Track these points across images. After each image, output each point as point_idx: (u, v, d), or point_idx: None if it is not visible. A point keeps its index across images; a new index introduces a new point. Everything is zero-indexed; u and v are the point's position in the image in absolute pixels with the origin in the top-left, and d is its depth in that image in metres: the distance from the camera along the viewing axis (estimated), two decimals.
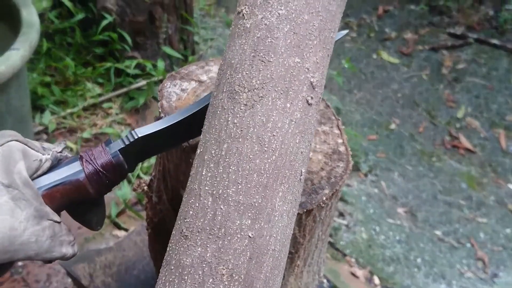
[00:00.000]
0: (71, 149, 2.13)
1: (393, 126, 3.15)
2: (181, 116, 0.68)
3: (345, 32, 0.77)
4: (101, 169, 0.63)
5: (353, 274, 2.05)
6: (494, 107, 3.38)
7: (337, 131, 0.79)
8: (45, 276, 1.75)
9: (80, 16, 2.37)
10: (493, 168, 2.99)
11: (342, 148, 0.76)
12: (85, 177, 0.62)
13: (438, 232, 2.44)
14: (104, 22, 2.29)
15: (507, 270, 2.29)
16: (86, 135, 2.19)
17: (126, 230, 1.90)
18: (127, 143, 0.65)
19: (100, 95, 2.36)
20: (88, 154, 0.64)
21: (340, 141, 0.77)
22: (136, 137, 0.65)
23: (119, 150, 0.64)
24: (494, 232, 2.49)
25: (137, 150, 0.67)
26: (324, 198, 0.68)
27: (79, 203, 0.64)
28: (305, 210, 0.67)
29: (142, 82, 2.41)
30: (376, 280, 2.06)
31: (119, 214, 1.96)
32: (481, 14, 4.05)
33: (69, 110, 2.26)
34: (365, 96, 3.37)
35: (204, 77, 0.88)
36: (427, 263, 2.22)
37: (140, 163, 1.42)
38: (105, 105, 2.34)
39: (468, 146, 3.12)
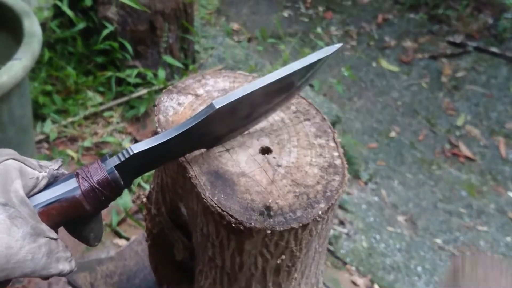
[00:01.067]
0: (72, 158, 2.14)
1: (393, 134, 3.16)
2: (177, 132, 0.68)
3: (338, 45, 0.78)
4: (97, 186, 0.63)
5: (354, 283, 2.05)
6: (493, 115, 3.39)
7: (333, 144, 0.80)
8: (46, 285, 1.75)
9: (81, 25, 2.38)
10: (493, 176, 3.00)
11: (338, 162, 0.77)
12: (81, 193, 0.62)
13: (438, 240, 2.44)
14: (105, 32, 2.30)
15: None
16: (87, 143, 2.20)
17: (127, 238, 1.91)
18: (122, 159, 0.66)
19: (101, 104, 2.37)
20: (84, 171, 0.64)
21: (336, 154, 0.78)
22: (131, 153, 0.66)
23: (114, 166, 0.65)
24: (494, 240, 2.50)
25: (133, 166, 0.67)
26: (320, 212, 0.69)
27: (76, 219, 0.64)
28: (301, 225, 0.68)
29: (143, 91, 2.42)
30: None
31: (120, 223, 1.97)
32: (480, 23, 4.06)
33: (70, 119, 2.27)
34: (365, 104, 3.38)
35: (200, 91, 0.89)
36: (428, 271, 2.22)
37: None
38: (106, 114, 2.36)
39: (468, 154, 3.12)
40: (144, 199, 1.06)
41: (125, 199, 1.98)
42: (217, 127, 0.73)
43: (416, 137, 3.18)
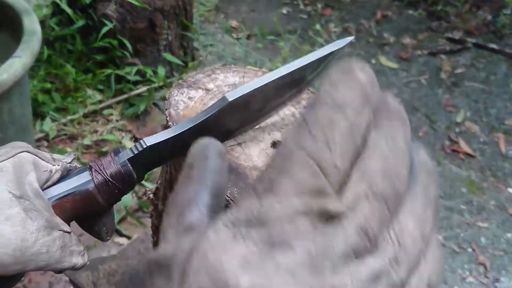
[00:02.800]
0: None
1: None
2: (190, 124, 0.67)
3: (350, 38, 0.77)
4: (110, 179, 0.63)
5: None
6: (493, 112, 3.39)
7: None
8: (47, 284, 1.74)
9: (80, 23, 2.37)
10: (493, 173, 3.00)
11: None
12: (94, 187, 0.62)
13: (439, 237, 2.44)
14: (105, 29, 2.29)
15: (509, 275, 2.29)
16: (86, 141, 2.18)
17: (127, 237, 1.90)
18: (136, 152, 0.65)
19: (100, 101, 2.36)
20: (97, 163, 0.64)
21: None
22: (144, 146, 0.65)
23: (127, 159, 0.64)
24: (495, 237, 2.50)
25: (145, 159, 0.66)
26: None
27: (89, 213, 0.63)
28: None
29: (142, 89, 2.41)
30: None
31: (120, 221, 1.96)
32: (479, 19, 4.07)
33: (69, 117, 2.25)
34: None
35: (211, 85, 0.88)
36: None
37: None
38: (105, 112, 2.34)
39: (468, 150, 3.12)
40: (151, 195, 1.05)
41: (126, 198, 1.97)
42: (230, 121, 0.72)
43: (416, 133, 3.18)
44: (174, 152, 0.71)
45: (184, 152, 0.72)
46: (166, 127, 0.80)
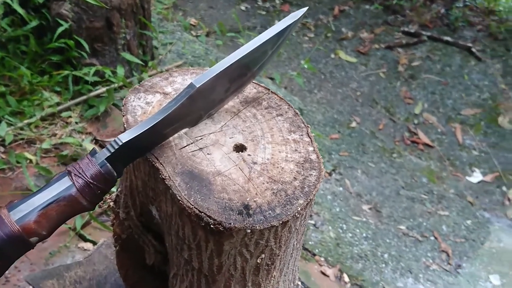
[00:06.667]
0: (30, 161, 2.06)
1: (354, 124, 3.20)
2: (161, 115, 0.69)
3: (304, 9, 0.81)
4: (91, 181, 0.65)
5: (323, 273, 2.07)
6: (449, 102, 3.48)
7: (307, 139, 0.79)
8: None
9: (34, 23, 2.29)
10: (451, 162, 3.08)
11: (313, 156, 0.76)
12: (77, 191, 0.64)
13: (402, 227, 2.49)
14: (60, 29, 2.22)
15: (470, 260, 2.37)
16: (45, 145, 2.12)
17: (92, 242, 1.86)
18: (112, 150, 0.67)
19: (58, 104, 2.29)
20: (75, 167, 0.65)
21: (311, 148, 0.78)
22: (120, 144, 0.67)
23: (105, 159, 0.66)
24: (455, 224, 2.57)
25: (123, 156, 0.68)
26: (299, 209, 0.68)
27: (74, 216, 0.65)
28: (281, 222, 0.67)
29: (101, 89, 2.36)
30: (346, 278, 2.08)
31: (84, 226, 1.91)
32: (433, 12, 4.17)
33: (26, 121, 2.18)
34: (326, 96, 3.41)
35: (169, 89, 0.87)
36: (394, 258, 2.27)
37: None
38: (64, 114, 2.28)
39: (427, 141, 3.20)
40: (111, 203, 1.02)
41: None
42: (199, 105, 0.74)
43: (376, 126, 3.24)
44: (149, 144, 0.72)
45: (159, 142, 0.73)
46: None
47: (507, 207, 2.83)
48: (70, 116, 2.28)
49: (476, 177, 3.02)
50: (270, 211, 0.68)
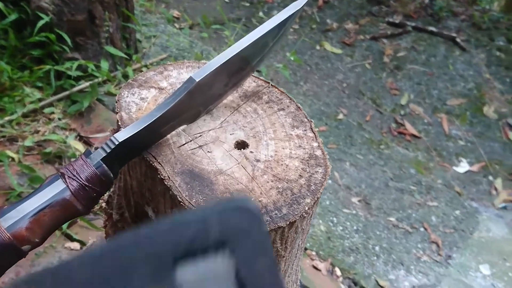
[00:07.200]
0: (13, 159, 1.99)
1: (341, 116, 3.18)
2: (159, 112, 0.65)
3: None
4: (87, 183, 0.61)
5: (315, 267, 2.05)
6: (435, 93, 3.49)
7: (311, 134, 0.76)
8: None
9: (13, 17, 2.21)
10: (438, 152, 3.09)
11: (318, 152, 0.73)
12: (71, 194, 0.60)
13: (392, 219, 2.49)
14: (40, 23, 2.15)
15: (460, 251, 2.37)
16: (28, 143, 2.05)
17: (79, 241, 1.80)
18: (108, 150, 0.63)
19: (40, 99, 2.22)
20: (69, 169, 0.61)
21: (315, 144, 0.74)
22: (116, 143, 0.63)
23: (101, 159, 0.63)
24: (444, 215, 2.57)
25: (119, 156, 0.65)
26: (307, 208, 0.65)
27: (68, 221, 0.61)
28: (288, 222, 0.63)
29: (85, 84, 2.29)
30: (338, 271, 2.07)
31: (70, 225, 1.86)
32: (417, 2, 4.16)
33: (7, 118, 2.11)
34: (312, 88, 3.38)
35: (164, 84, 0.82)
36: (385, 250, 2.26)
37: None
38: (46, 110, 2.21)
39: (414, 132, 3.20)
40: (103, 204, 0.98)
41: None
42: (198, 100, 0.71)
43: (363, 118, 3.23)
44: (148, 142, 0.69)
45: (156, 140, 0.69)
46: (117, 131, 0.74)
47: (494, 196, 2.84)
48: (53, 112, 2.22)
49: (463, 167, 3.02)
50: (276, 212, 0.64)
